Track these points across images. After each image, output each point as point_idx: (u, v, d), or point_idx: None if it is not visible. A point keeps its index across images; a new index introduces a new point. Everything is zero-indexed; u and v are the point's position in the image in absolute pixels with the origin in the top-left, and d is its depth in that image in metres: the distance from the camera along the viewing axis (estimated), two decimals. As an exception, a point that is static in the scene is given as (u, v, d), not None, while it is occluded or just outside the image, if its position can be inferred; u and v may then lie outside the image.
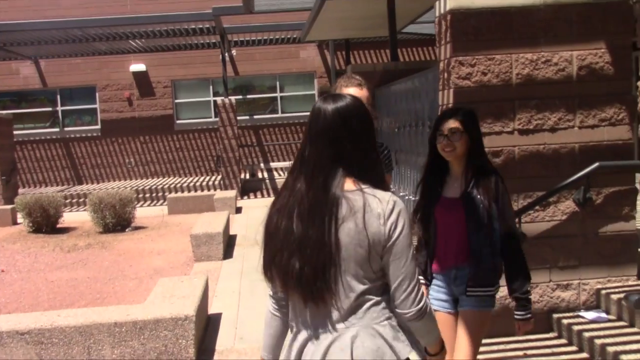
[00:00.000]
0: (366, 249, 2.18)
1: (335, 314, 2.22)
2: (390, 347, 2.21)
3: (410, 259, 2.20)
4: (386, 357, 2.19)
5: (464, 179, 3.39)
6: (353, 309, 2.21)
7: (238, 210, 14.69)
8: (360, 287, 2.20)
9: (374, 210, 2.18)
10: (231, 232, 11.59)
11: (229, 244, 10.69)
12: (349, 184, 2.23)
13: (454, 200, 3.39)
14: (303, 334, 2.28)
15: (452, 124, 3.37)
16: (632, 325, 4.82)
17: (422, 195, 3.54)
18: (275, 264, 2.27)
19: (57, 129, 21.00)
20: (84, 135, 20.89)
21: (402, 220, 2.19)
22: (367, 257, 2.19)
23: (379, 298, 2.23)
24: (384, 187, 2.28)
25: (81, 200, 17.58)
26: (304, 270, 2.20)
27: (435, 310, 3.46)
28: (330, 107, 2.26)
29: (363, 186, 2.22)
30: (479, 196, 3.31)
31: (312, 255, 2.19)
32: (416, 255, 3.47)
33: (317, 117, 2.28)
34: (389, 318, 2.24)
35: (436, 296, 3.52)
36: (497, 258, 3.38)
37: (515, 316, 3.45)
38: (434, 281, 3.53)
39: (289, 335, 2.38)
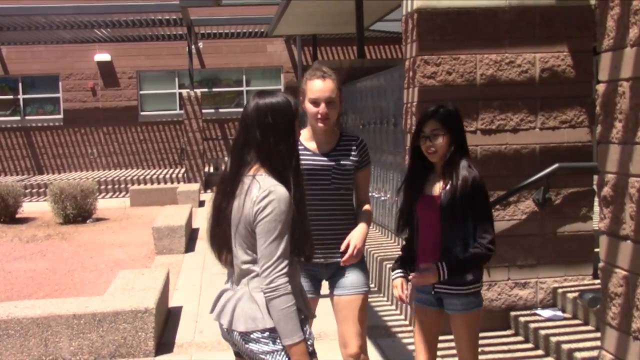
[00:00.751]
0: (244, 225, 2.60)
1: (235, 277, 2.71)
2: (262, 313, 2.58)
3: (269, 242, 2.52)
4: (257, 320, 2.59)
5: (442, 178, 3.40)
6: (242, 275, 2.67)
7: (201, 203, 14.62)
8: (245, 257, 2.64)
9: (252, 194, 2.58)
10: (194, 226, 11.53)
11: (191, 237, 10.63)
12: (254, 169, 2.64)
13: (434, 198, 3.41)
14: (224, 286, 2.81)
15: (433, 125, 3.36)
16: (586, 323, 4.92)
17: (404, 193, 3.55)
18: (207, 230, 2.80)
19: (18, 118, 20.65)
20: (45, 124, 20.57)
21: (270, 207, 2.53)
22: (246, 233, 2.61)
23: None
24: (283, 177, 2.60)
25: (41, 190, 17.32)
26: (214, 233, 2.75)
27: (418, 307, 3.50)
28: (253, 100, 2.68)
29: (259, 173, 2.62)
30: (455, 195, 3.31)
31: (218, 224, 2.71)
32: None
33: (244, 108, 2.71)
34: None
35: (421, 294, 3.50)
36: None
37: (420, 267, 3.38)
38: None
39: None
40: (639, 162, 2.52)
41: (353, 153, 3.52)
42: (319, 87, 3.42)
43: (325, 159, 3.49)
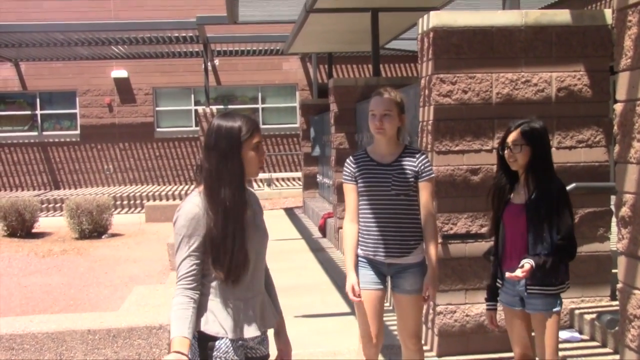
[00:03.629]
0: None
1: None
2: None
3: (175, 253, 2.70)
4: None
5: (527, 188, 3.62)
6: None
7: (216, 220, 14.61)
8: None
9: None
10: (208, 242, 11.51)
11: (205, 254, 10.62)
12: (199, 186, 2.76)
13: (520, 207, 3.64)
14: None
15: (515, 136, 3.62)
16: (604, 345, 4.87)
17: (492, 202, 3.79)
18: None
19: (35, 133, 20.84)
20: (62, 140, 20.73)
21: (178, 221, 2.69)
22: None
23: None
24: (214, 198, 2.67)
25: (58, 205, 17.43)
26: None
27: (505, 309, 3.77)
28: (211, 121, 2.80)
29: (194, 192, 2.76)
30: (539, 203, 3.54)
31: None
32: (490, 258, 3.89)
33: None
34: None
35: (505, 295, 3.75)
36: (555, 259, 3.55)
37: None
38: (505, 282, 3.73)
39: None
40: (657, 183, 2.51)
41: (412, 164, 3.88)
42: (377, 101, 3.88)
43: (387, 168, 3.88)
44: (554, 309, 3.60)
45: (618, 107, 2.77)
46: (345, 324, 6.11)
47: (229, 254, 2.68)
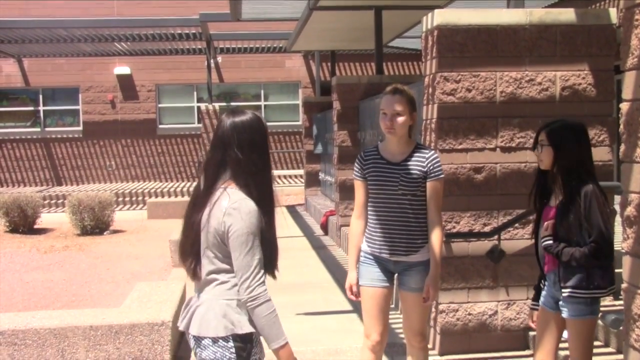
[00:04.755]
0: (213, 234, 2.66)
1: (200, 284, 2.76)
2: (216, 320, 2.64)
3: (244, 254, 2.59)
4: (210, 328, 2.64)
5: (559, 190, 3.58)
6: (206, 284, 2.73)
7: (218, 217, 14.62)
8: (210, 267, 2.71)
9: (221, 205, 2.64)
10: (210, 239, 11.53)
11: (207, 251, 10.62)
12: (228, 183, 2.69)
13: (553, 209, 3.60)
14: (191, 296, 2.84)
15: (542, 136, 3.59)
16: (607, 345, 4.87)
17: (533, 203, 3.76)
18: (178, 243, 2.88)
19: (38, 129, 20.85)
20: (65, 136, 20.75)
21: (239, 220, 2.60)
22: (215, 243, 2.67)
23: (226, 279, 2.68)
24: (257, 192, 2.67)
25: (60, 201, 17.44)
26: (183, 245, 2.81)
27: (541, 308, 3.72)
28: (228, 119, 2.73)
29: (231, 186, 2.68)
30: (569, 208, 3.47)
31: (187, 233, 2.78)
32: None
33: (218, 127, 2.77)
34: (229, 299, 2.66)
35: (544, 295, 3.72)
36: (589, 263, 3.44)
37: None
38: (546, 282, 3.71)
39: None
40: (663, 183, 2.50)
41: (422, 163, 3.85)
42: (387, 100, 3.86)
43: (396, 167, 3.86)
44: (586, 316, 3.47)
45: (624, 107, 2.77)
46: (347, 321, 6.11)
47: (275, 249, 2.75)
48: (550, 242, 3.52)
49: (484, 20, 5.13)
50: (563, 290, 3.49)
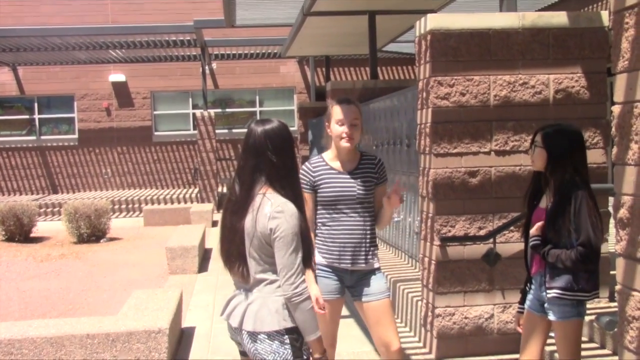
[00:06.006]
0: (259, 238, 2.86)
1: (248, 285, 2.95)
2: (270, 316, 2.85)
3: (289, 253, 2.81)
4: (265, 323, 2.85)
5: (550, 192, 3.62)
6: (256, 284, 2.92)
7: (214, 223, 14.64)
8: (258, 268, 2.90)
9: (264, 210, 2.85)
10: (207, 246, 11.54)
11: (204, 258, 10.64)
12: (265, 188, 2.90)
13: (544, 211, 3.64)
14: (234, 292, 3.05)
15: (537, 138, 3.65)
16: (603, 347, 4.87)
17: (526, 204, 3.82)
18: (220, 250, 3.03)
19: (33, 137, 20.83)
20: (60, 144, 20.73)
21: (284, 222, 2.81)
22: (260, 245, 2.86)
23: (274, 278, 2.88)
24: (292, 193, 2.90)
25: (56, 209, 17.42)
26: (228, 250, 2.97)
27: (527, 311, 3.76)
28: (259, 127, 2.94)
29: (268, 191, 2.89)
30: (558, 210, 3.51)
31: (231, 239, 2.95)
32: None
33: (249, 135, 2.96)
34: (279, 295, 2.86)
35: (530, 298, 3.75)
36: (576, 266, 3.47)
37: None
38: (532, 285, 3.75)
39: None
40: (655, 184, 2.51)
41: (372, 170, 3.95)
42: (345, 110, 3.89)
43: (349, 176, 3.90)
44: (572, 318, 3.50)
45: (616, 109, 2.78)
46: (343, 326, 6.11)
47: (311, 245, 2.98)
48: (539, 242, 3.55)
49: (477, 24, 5.15)
50: (548, 291, 3.52)
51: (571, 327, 3.52)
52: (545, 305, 3.58)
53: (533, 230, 3.60)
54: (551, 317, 3.55)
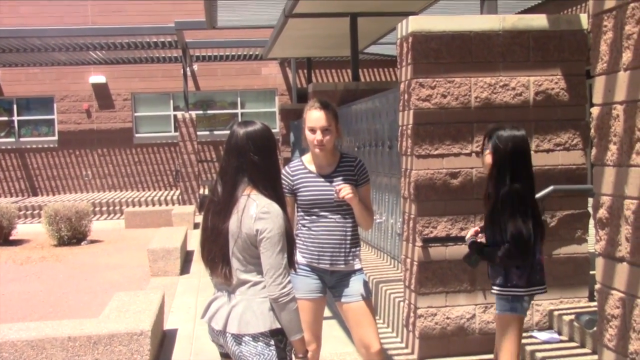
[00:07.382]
0: (244, 239, 2.85)
1: (230, 287, 2.93)
2: (256, 318, 2.85)
3: (276, 254, 2.81)
4: (250, 325, 2.84)
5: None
6: (239, 285, 2.91)
7: (196, 225, 14.59)
8: (242, 269, 2.89)
9: (250, 212, 2.85)
10: (188, 248, 11.50)
11: (186, 260, 10.61)
12: (248, 190, 2.90)
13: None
14: (215, 295, 3.03)
15: (485, 143, 3.80)
16: (583, 345, 4.93)
17: (485, 207, 3.94)
18: (201, 252, 3.01)
19: (12, 139, 20.65)
20: (40, 146, 20.56)
21: (270, 223, 2.82)
22: (245, 246, 2.86)
23: (258, 280, 2.88)
24: (275, 194, 2.92)
25: (36, 212, 17.27)
26: (211, 251, 2.95)
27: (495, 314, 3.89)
28: (241, 129, 2.96)
29: (253, 192, 2.89)
30: (494, 210, 3.70)
31: (214, 240, 2.93)
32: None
33: (231, 136, 2.97)
34: (264, 297, 2.86)
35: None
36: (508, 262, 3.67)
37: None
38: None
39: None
40: (634, 184, 2.55)
41: (351, 172, 3.93)
42: (316, 116, 3.84)
43: (327, 179, 3.90)
44: (506, 312, 3.71)
45: (595, 111, 2.82)
46: (326, 327, 6.12)
47: (293, 245, 3.00)
48: (473, 241, 3.87)
49: (458, 26, 5.19)
50: (492, 288, 3.77)
51: (505, 321, 3.72)
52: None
53: (472, 233, 3.94)
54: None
